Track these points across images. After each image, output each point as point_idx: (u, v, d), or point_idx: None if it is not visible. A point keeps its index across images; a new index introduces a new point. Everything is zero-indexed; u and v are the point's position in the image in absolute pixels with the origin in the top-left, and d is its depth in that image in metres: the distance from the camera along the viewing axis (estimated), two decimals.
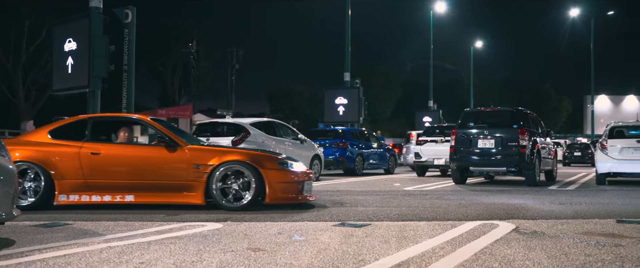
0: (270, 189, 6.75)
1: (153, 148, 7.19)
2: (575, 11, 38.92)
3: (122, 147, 7.26)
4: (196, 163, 6.81)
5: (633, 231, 5.18)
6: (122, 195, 6.89)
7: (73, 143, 7.06)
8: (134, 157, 7.08)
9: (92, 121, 7.37)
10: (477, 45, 45.82)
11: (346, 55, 25.11)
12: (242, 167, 6.75)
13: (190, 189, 6.77)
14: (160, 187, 6.88)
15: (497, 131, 11.50)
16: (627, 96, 62.12)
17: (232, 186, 6.74)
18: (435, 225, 5.55)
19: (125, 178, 6.94)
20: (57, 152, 6.96)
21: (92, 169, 6.91)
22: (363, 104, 26.21)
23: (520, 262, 3.77)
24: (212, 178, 6.70)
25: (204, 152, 7.04)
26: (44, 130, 7.30)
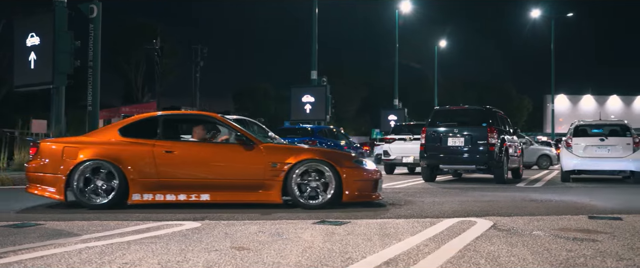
0: (347, 188, 6.74)
1: (228, 147, 7.04)
2: (536, 12, 39.85)
3: (196, 146, 7.14)
4: (273, 162, 6.74)
5: (606, 226, 5.30)
6: (197, 194, 6.78)
7: (146, 141, 6.91)
8: (209, 155, 6.96)
9: (163, 119, 7.19)
10: (441, 45, 46.37)
11: (313, 53, 25.09)
12: (321, 165, 6.73)
13: (266, 188, 6.73)
14: (237, 185, 6.82)
15: (467, 129, 11.65)
16: (585, 96, 63.84)
17: (310, 184, 6.69)
18: (414, 222, 5.57)
19: (201, 177, 6.85)
20: (130, 150, 6.80)
21: (166, 168, 6.78)
22: (330, 102, 26.26)
23: (505, 258, 3.81)
24: (290, 176, 6.65)
25: (281, 150, 7.04)
26: (114, 128, 7.11)
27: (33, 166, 6.86)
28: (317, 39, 24.99)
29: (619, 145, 11.95)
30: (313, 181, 6.71)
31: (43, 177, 6.75)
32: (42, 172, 6.75)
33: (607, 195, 8.90)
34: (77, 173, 6.57)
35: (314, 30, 24.82)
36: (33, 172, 6.84)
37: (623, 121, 13.24)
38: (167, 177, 6.76)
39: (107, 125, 7.35)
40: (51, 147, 6.88)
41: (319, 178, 6.72)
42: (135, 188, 6.67)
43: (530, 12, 40.42)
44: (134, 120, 7.30)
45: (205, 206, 6.72)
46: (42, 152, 6.85)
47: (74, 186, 6.56)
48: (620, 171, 12.34)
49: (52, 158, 6.75)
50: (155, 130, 7.01)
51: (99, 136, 7.13)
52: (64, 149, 6.76)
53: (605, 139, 12.09)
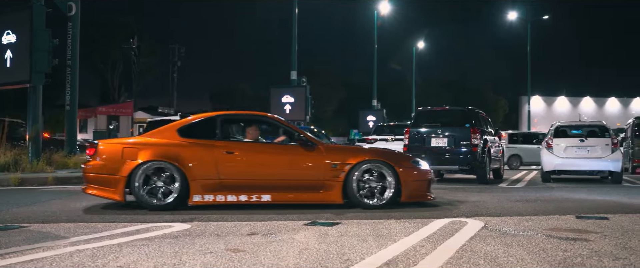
0: (406, 187, 6.81)
1: (290, 148, 7.00)
2: (513, 15, 40.31)
3: (257, 146, 7.10)
4: (334, 162, 6.78)
5: (595, 226, 5.35)
6: (258, 195, 6.73)
7: (206, 141, 6.85)
8: (270, 156, 6.97)
9: (221, 119, 7.10)
10: (419, 46, 46.64)
11: (293, 53, 25.02)
12: (380, 165, 6.79)
13: (327, 188, 6.75)
14: (298, 186, 6.81)
15: (450, 130, 11.71)
16: (559, 97, 64.75)
17: (369, 184, 6.74)
18: (405, 223, 5.56)
19: (262, 178, 6.81)
20: (190, 151, 6.73)
21: (227, 169, 6.72)
22: (309, 103, 26.19)
23: (503, 259, 3.81)
24: (350, 177, 6.68)
25: (341, 151, 7.13)
26: (172, 129, 6.98)
27: (91, 167, 6.73)
28: (297, 40, 24.93)
29: (598, 146, 12.12)
30: (373, 181, 6.77)
31: (101, 178, 6.64)
32: (101, 172, 6.65)
33: (590, 195, 9.01)
34: (137, 174, 6.49)
35: (294, 31, 24.75)
36: (91, 172, 6.71)
37: (602, 122, 13.45)
38: (228, 178, 6.69)
39: (165, 126, 7.21)
40: (110, 148, 6.81)
41: (378, 179, 6.77)
42: (196, 190, 6.59)
43: (507, 15, 40.91)
44: (193, 120, 7.19)
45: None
46: (101, 153, 6.73)
47: (135, 187, 6.48)
48: (599, 171, 12.52)
49: (112, 159, 6.66)
50: (213, 130, 6.96)
51: (157, 136, 6.98)
52: (124, 150, 6.68)
53: (585, 140, 12.25)
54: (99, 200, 7.11)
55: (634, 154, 17.43)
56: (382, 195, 6.76)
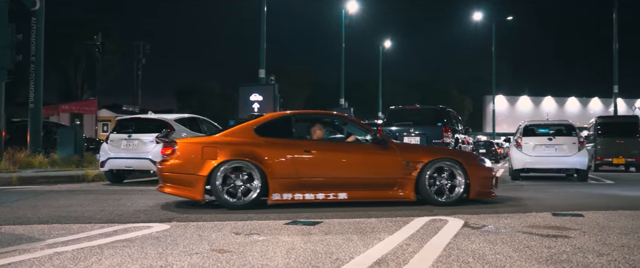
0: (474, 185, 7.03)
1: (364, 146, 7.16)
2: (478, 15, 40.96)
3: (334, 145, 7.28)
4: (407, 161, 6.93)
5: (572, 223, 5.42)
6: (335, 193, 6.80)
7: (284, 141, 6.92)
8: (347, 155, 7.03)
9: (296, 118, 7.24)
10: (386, 45, 46.93)
11: (261, 51, 24.90)
12: (452, 164, 6.99)
13: (400, 185, 6.91)
14: (373, 184, 6.93)
15: (422, 129, 11.81)
16: (521, 97, 66.02)
17: (439, 182, 6.94)
18: (386, 221, 5.55)
19: (339, 176, 6.88)
20: (269, 150, 6.72)
21: (306, 167, 6.77)
22: (278, 101, 26.08)
23: (491, 256, 3.83)
24: (423, 175, 6.86)
25: (414, 149, 7.48)
26: (250, 127, 6.97)
27: (168, 166, 6.68)
28: (266, 38, 24.80)
29: (566, 145, 12.37)
30: (444, 179, 6.96)
31: (180, 177, 6.61)
32: (180, 171, 6.61)
33: (561, 193, 9.18)
34: (218, 173, 6.47)
35: (263, 29, 24.64)
36: (168, 172, 6.66)
37: (569, 121, 13.73)
38: (307, 177, 6.74)
39: (241, 125, 7.20)
40: (189, 147, 6.74)
41: (449, 177, 6.97)
42: (275, 188, 6.60)
43: (473, 15, 41.55)
44: (268, 119, 7.24)
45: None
46: (180, 152, 6.68)
47: (216, 186, 6.46)
48: (566, 169, 12.79)
49: (191, 158, 6.62)
50: (289, 129, 7.07)
51: (235, 135, 6.91)
52: (203, 149, 6.63)
53: (552, 139, 12.48)
54: (71, 200, 6.92)
55: (597, 152, 17.88)
56: (451, 192, 6.97)
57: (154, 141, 10.59)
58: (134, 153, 10.69)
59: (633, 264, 3.62)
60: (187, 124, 11.74)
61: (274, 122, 7.19)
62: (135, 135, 10.82)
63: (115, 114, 41.31)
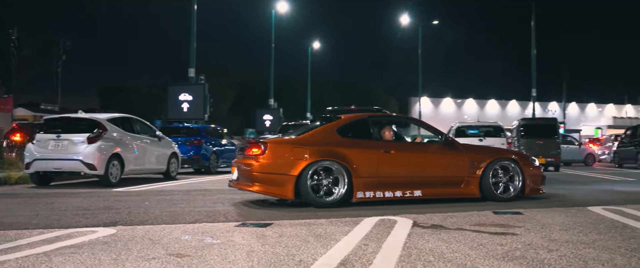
0: (529, 182, 7.69)
1: (436, 147, 7.71)
2: (405, 18, 41.87)
3: (410, 146, 7.90)
4: (472, 161, 7.51)
5: (514, 221, 5.62)
6: (411, 191, 7.22)
7: (365, 142, 7.28)
8: (422, 155, 7.59)
9: (372, 120, 7.64)
10: (315, 46, 47.18)
11: (191, 50, 24.40)
12: (510, 163, 7.64)
13: (466, 183, 7.46)
14: (444, 182, 7.46)
15: None
16: (445, 98, 68.10)
17: (500, 180, 7.57)
18: (337, 222, 5.57)
19: (415, 175, 7.34)
20: (354, 150, 7.02)
21: (386, 167, 7.16)
22: (208, 101, 25.65)
23: (450, 255, 3.91)
24: (486, 173, 7.45)
25: (478, 150, 8.01)
26: (332, 129, 7.27)
27: (258, 165, 6.79)
28: (196, 37, 24.34)
29: (495, 145, 12.87)
30: (503, 177, 7.60)
31: (270, 177, 6.77)
32: (270, 172, 6.77)
33: None
34: (308, 173, 6.72)
35: (193, 28, 24.15)
36: (258, 171, 6.78)
37: (498, 123, 14.30)
38: (387, 176, 7.14)
39: (323, 126, 7.51)
40: (280, 148, 6.94)
41: (505, 175, 7.60)
42: (359, 187, 6.90)
43: (400, 18, 42.43)
44: (349, 121, 7.55)
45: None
46: (271, 153, 6.83)
47: (307, 185, 6.69)
48: None
49: (282, 159, 6.82)
50: (367, 130, 7.43)
51: (320, 136, 7.19)
52: (294, 150, 6.85)
53: (483, 139, 12.97)
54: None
55: None
56: (509, 189, 7.59)
57: (85, 141, 10.15)
58: (64, 155, 10.19)
59: (582, 258, 3.80)
60: (120, 124, 11.33)
61: (354, 124, 7.53)
62: (64, 135, 10.32)
63: (33, 112, 39.33)
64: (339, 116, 7.82)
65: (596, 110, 70.26)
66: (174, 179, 12.81)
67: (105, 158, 10.29)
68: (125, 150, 10.96)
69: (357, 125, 7.53)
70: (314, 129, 7.42)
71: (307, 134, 7.28)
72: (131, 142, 11.33)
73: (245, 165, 6.98)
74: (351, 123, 7.50)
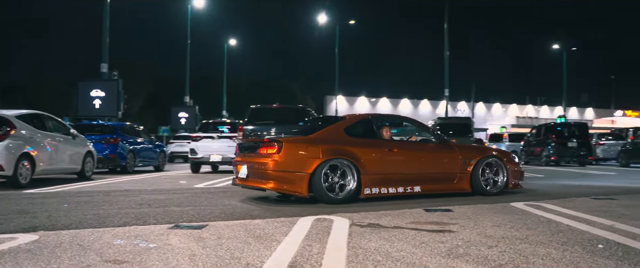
0: (511, 177, 8.45)
1: (432, 146, 8.22)
2: (322, 17, 42.13)
3: (410, 144, 8.26)
4: (464, 158, 8.11)
5: (447, 218, 5.73)
6: (412, 187, 7.69)
7: (370, 140, 7.65)
8: (422, 153, 8.04)
9: (375, 120, 8.03)
10: (231, 43, 46.56)
11: (104, 45, 23.41)
12: (497, 160, 8.35)
13: (458, 179, 8.08)
14: (439, 178, 7.98)
15: (285, 127, 11.83)
16: (360, 97, 69.29)
17: (487, 176, 8.24)
18: (273, 222, 5.46)
19: (415, 172, 7.78)
20: (361, 149, 7.36)
21: (390, 165, 7.58)
22: (122, 97, 24.68)
23: (397, 254, 3.91)
24: (477, 169, 8.11)
25: (468, 148, 8.64)
26: (340, 128, 7.62)
27: (273, 164, 6.95)
28: (109, 31, 23.35)
29: None
30: (491, 173, 8.29)
31: (285, 175, 6.96)
32: (285, 170, 6.95)
33: None
34: (321, 171, 6.98)
35: (105, 22, 23.16)
36: (273, 170, 6.94)
37: (416, 121, 14.61)
38: (391, 173, 7.54)
39: (331, 126, 7.81)
40: (295, 147, 7.10)
41: (491, 171, 8.29)
42: (366, 183, 7.26)
43: (317, 17, 42.64)
44: (355, 120, 7.99)
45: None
46: (286, 152, 7.01)
47: (320, 182, 6.96)
48: None
49: (297, 157, 7.02)
50: (371, 130, 7.82)
51: (329, 135, 7.49)
52: (307, 149, 7.07)
53: None
54: None
55: None
56: (495, 185, 8.28)
57: None
58: None
59: (521, 253, 3.91)
60: (30, 121, 10.64)
61: (359, 123, 7.93)
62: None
63: None
64: (344, 117, 8.27)
65: (501, 109, 73.92)
66: (90, 179, 12.21)
67: (14, 157, 9.63)
68: (36, 148, 10.31)
69: (362, 124, 7.91)
70: (322, 129, 7.70)
71: (317, 133, 7.59)
72: (42, 140, 10.67)
73: (259, 163, 7.13)
74: (356, 122, 7.91)
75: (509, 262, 3.64)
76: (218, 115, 43.56)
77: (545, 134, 23.06)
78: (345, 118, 8.10)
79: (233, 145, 15.16)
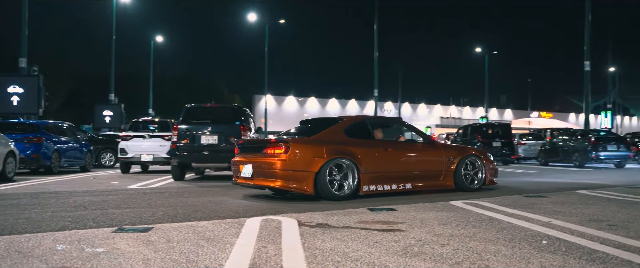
0: (489, 174, 9.26)
1: (422, 146, 8.79)
2: (252, 16, 41.75)
3: (403, 145, 8.66)
4: (448, 157, 8.81)
5: (393, 217, 5.80)
6: (403, 184, 8.28)
7: (367, 141, 8.17)
8: (413, 153, 8.61)
9: (370, 122, 8.59)
10: (158, 39, 45.39)
11: (23, 39, 22.26)
12: (476, 159, 9.07)
13: (443, 177, 8.75)
14: (427, 176, 8.62)
15: (221, 127, 11.64)
16: (288, 97, 69.31)
17: (468, 173, 8.96)
18: (221, 224, 5.36)
19: (407, 170, 8.39)
20: (360, 149, 7.85)
21: (385, 163, 8.10)
22: (43, 94, 23.52)
23: (354, 254, 3.91)
24: (459, 167, 8.81)
25: (452, 148, 9.23)
26: (339, 129, 8.08)
27: (281, 163, 7.28)
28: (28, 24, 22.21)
29: None
30: (470, 170, 9.00)
31: (292, 174, 7.31)
32: (293, 169, 7.30)
33: None
34: (326, 170, 7.41)
35: (25, 15, 22.01)
36: (281, 169, 7.28)
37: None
38: (386, 171, 8.08)
39: (331, 127, 8.18)
40: (301, 147, 7.46)
41: (472, 168, 9.02)
42: (365, 181, 7.76)
43: (247, 16, 42.21)
44: (353, 122, 8.44)
45: None
46: (293, 152, 7.35)
47: (325, 180, 7.40)
48: None
49: (303, 157, 7.38)
50: (367, 131, 8.36)
51: (330, 136, 7.95)
52: (312, 149, 7.46)
53: None
54: None
55: None
56: (474, 181, 9.00)
57: None
58: None
59: (474, 251, 4.01)
60: None
61: (357, 125, 8.39)
62: None
63: None
64: (342, 118, 8.58)
65: (426, 110, 76.00)
66: (12, 181, 11.57)
67: None
68: None
69: (358, 126, 8.40)
70: (324, 130, 8.07)
71: (320, 134, 7.98)
72: None
73: (266, 163, 7.45)
74: (354, 124, 8.38)
75: (465, 260, 3.73)
76: (144, 114, 42.35)
77: (471, 134, 23.87)
78: (343, 119, 8.46)
79: (165, 145, 14.79)
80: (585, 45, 21.44)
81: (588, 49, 21.30)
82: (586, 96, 22.18)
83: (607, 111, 34.78)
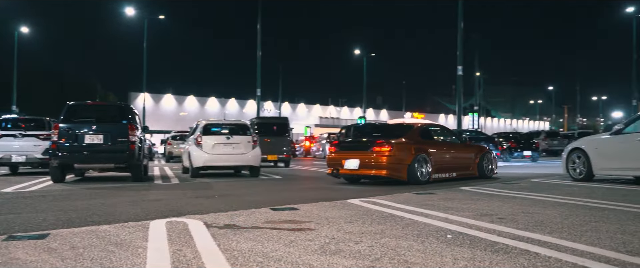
0: (494, 167, 12.69)
1: (460, 144, 12.33)
2: (131, 10, 39.96)
3: (450, 145, 12.00)
4: (474, 153, 12.26)
5: (299, 216, 5.85)
6: (451, 173, 11.43)
7: (432, 141, 11.46)
8: (456, 150, 11.98)
9: (431, 127, 12.02)
10: (23, 31, 42.13)
11: None
12: (490, 155, 12.50)
13: (471, 168, 12.08)
14: (462, 167, 11.84)
15: (106, 126, 11.08)
16: (166, 95, 67.28)
17: (485, 165, 12.28)
18: (123, 227, 5.13)
19: (454, 163, 11.61)
20: (430, 147, 11.01)
21: (443, 158, 11.31)
22: None
23: (274, 254, 3.90)
24: (482, 161, 12.21)
25: (474, 147, 12.75)
26: (416, 132, 11.26)
27: (387, 156, 10.24)
28: None
29: (242, 143, 13.23)
30: (486, 163, 12.31)
31: (394, 166, 10.29)
32: (394, 162, 10.27)
33: (251, 189, 9.78)
34: (414, 162, 10.41)
35: None
36: (387, 161, 10.23)
37: (244, 121, 14.68)
38: (443, 164, 11.18)
39: (411, 131, 11.25)
40: (400, 145, 10.46)
41: (487, 162, 12.34)
42: (434, 171, 10.79)
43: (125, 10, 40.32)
44: (421, 128, 11.58)
45: None
46: (395, 149, 10.32)
47: (415, 169, 10.40)
48: (242, 166, 13.65)
49: (402, 152, 10.40)
50: (429, 134, 11.66)
51: (413, 138, 10.96)
52: (406, 146, 10.48)
53: (230, 138, 13.18)
54: None
55: None
56: (491, 171, 12.48)
57: None
58: None
59: (389, 247, 4.16)
60: None
61: (425, 130, 11.62)
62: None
63: None
64: (415, 124, 11.79)
65: (305, 109, 77.16)
66: None
67: None
68: None
69: (426, 130, 11.66)
70: (407, 133, 11.06)
71: (406, 136, 10.91)
72: None
73: (375, 158, 10.29)
74: (423, 129, 11.61)
75: (384, 256, 3.86)
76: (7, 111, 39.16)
77: (354, 134, 24.59)
78: (415, 126, 11.52)
79: (40, 144, 13.82)
80: (458, 50, 22.87)
81: (461, 54, 22.75)
82: (459, 98, 23.63)
83: (474, 112, 37.28)
